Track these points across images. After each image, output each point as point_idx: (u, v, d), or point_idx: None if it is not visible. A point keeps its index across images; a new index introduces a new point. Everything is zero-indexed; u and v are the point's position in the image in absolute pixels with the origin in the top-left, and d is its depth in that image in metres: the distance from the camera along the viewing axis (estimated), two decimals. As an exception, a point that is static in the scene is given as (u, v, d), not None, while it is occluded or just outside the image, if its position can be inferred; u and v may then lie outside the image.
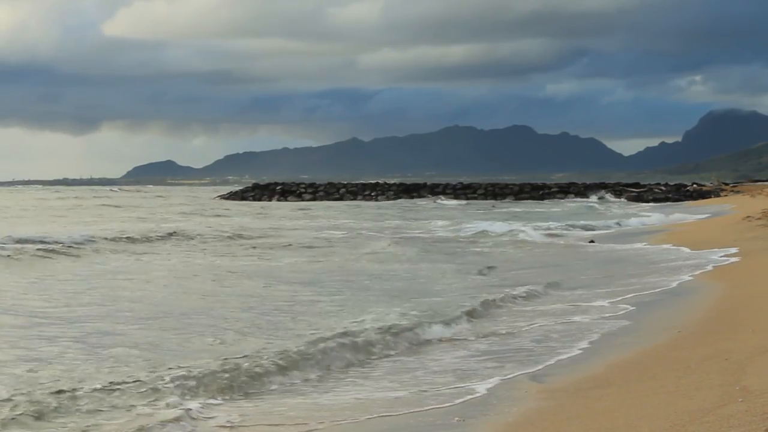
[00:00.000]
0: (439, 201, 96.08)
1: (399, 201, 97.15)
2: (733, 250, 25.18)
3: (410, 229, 46.59)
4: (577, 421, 9.14)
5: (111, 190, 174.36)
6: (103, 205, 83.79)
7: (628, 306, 17.09)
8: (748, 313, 14.37)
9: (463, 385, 11.23)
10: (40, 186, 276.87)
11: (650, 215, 56.48)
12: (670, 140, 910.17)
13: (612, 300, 17.94)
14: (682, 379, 10.21)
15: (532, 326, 15.33)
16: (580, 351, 13.07)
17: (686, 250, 28.22)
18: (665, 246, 30.99)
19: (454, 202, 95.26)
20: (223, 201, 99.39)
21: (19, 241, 30.84)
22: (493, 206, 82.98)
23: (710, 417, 8.26)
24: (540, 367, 12.07)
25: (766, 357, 10.52)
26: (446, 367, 12.38)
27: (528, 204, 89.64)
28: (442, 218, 57.73)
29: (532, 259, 28.86)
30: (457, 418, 9.72)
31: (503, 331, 14.90)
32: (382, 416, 9.90)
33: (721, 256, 24.42)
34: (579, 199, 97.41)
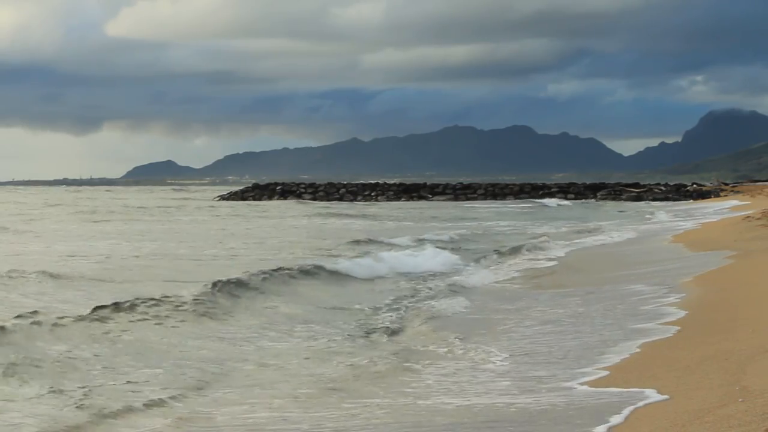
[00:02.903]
0: (558, 203, 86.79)
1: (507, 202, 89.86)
2: (734, 252, 25.14)
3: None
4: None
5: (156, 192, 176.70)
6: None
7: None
8: (748, 313, 14.35)
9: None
10: (64, 186, 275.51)
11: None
12: (670, 140, 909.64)
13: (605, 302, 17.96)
14: (682, 379, 10.21)
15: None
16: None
17: (686, 249, 28.22)
18: (665, 245, 30.98)
19: (568, 202, 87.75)
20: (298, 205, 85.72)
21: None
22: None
23: (710, 417, 8.27)
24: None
25: (766, 357, 10.52)
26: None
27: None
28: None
29: None
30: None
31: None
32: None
33: (721, 257, 24.39)
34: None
